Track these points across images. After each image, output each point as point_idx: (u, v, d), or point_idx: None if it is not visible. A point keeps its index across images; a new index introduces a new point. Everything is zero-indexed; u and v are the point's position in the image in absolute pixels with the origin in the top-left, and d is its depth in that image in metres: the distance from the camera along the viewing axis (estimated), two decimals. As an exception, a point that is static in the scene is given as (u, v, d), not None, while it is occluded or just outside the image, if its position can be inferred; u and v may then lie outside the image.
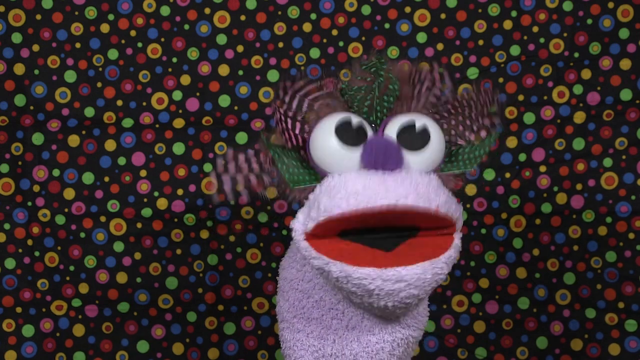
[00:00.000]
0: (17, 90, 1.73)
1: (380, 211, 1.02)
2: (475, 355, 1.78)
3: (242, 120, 1.75)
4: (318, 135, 1.08)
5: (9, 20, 1.72)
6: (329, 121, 1.08)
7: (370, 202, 1.02)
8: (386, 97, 1.10)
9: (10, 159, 1.74)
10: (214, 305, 1.78)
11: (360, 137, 1.07)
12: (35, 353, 1.78)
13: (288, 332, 1.17)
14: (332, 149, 1.06)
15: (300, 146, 1.11)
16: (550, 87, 1.74)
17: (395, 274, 1.03)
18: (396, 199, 1.02)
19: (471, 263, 1.77)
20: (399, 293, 1.04)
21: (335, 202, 1.03)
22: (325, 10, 1.74)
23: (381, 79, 1.10)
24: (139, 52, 1.74)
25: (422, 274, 1.04)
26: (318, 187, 1.08)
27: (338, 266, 1.04)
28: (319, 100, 1.11)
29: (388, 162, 1.05)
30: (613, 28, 1.73)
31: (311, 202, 1.07)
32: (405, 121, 1.08)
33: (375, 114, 1.11)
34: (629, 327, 1.77)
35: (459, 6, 1.73)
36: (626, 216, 1.75)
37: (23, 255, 1.76)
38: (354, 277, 1.04)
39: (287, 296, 1.17)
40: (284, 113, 1.10)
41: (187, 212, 1.75)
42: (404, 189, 1.02)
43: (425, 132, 1.08)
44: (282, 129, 1.11)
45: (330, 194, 1.04)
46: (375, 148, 1.05)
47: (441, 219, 1.06)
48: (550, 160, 1.75)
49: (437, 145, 1.09)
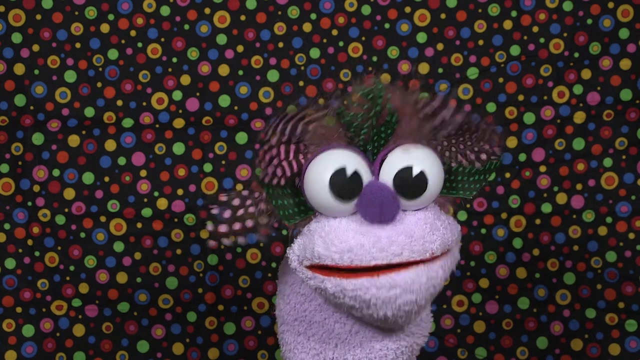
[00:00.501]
0: (17, 90, 1.73)
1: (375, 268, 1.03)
2: (475, 355, 1.78)
3: (242, 120, 1.75)
4: (311, 182, 1.06)
5: (9, 20, 1.72)
6: (322, 169, 1.06)
7: (364, 262, 1.03)
8: (383, 128, 1.08)
9: (10, 159, 1.74)
10: (214, 305, 1.78)
11: (356, 187, 1.05)
12: (35, 353, 1.78)
13: (289, 335, 1.16)
14: (326, 201, 1.06)
15: (295, 174, 1.09)
16: (550, 87, 1.74)
17: (388, 280, 1.02)
18: (390, 259, 1.03)
19: (471, 263, 1.77)
20: (396, 300, 1.03)
21: (330, 254, 1.04)
22: (325, 10, 1.74)
23: (378, 108, 1.07)
24: (139, 52, 1.74)
25: (417, 277, 1.03)
26: (314, 222, 1.08)
27: (332, 281, 1.04)
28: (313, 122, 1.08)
29: (383, 218, 1.04)
30: (613, 28, 1.73)
31: (306, 238, 1.08)
32: (402, 166, 1.06)
33: (372, 143, 1.09)
34: (629, 327, 1.77)
35: (459, 6, 1.73)
36: (626, 216, 1.76)
37: (23, 255, 1.76)
38: (349, 289, 1.03)
39: (288, 299, 1.16)
40: (276, 143, 1.08)
41: (187, 212, 1.75)
42: (397, 247, 1.03)
43: (423, 179, 1.06)
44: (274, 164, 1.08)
45: (325, 242, 1.05)
46: (370, 202, 1.04)
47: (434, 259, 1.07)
48: (550, 160, 1.75)
49: (434, 187, 1.08)
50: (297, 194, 1.10)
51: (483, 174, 1.13)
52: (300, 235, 1.10)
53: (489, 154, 1.13)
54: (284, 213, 1.09)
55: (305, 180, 1.08)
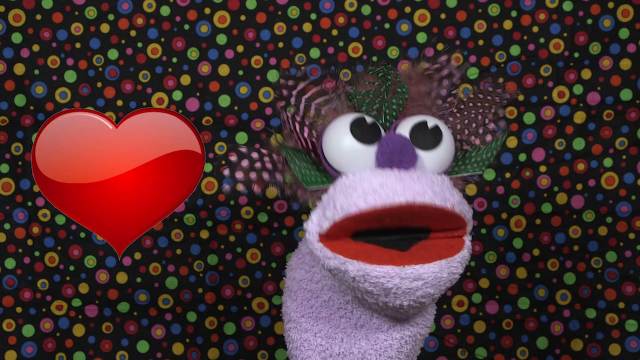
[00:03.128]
0: (17, 90, 1.73)
1: (399, 209, 1.01)
2: (475, 355, 1.78)
3: (242, 120, 1.75)
4: (332, 134, 1.07)
5: (9, 20, 1.72)
6: (342, 120, 1.07)
7: (388, 200, 1.01)
8: (395, 100, 1.10)
9: (10, 159, 1.74)
10: (214, 305, 1.78)
11: (375, 135, 1.07)
12: (35, 353, 1.78)
13: (295, 332, 1.16)
14: (347, 146, 1.06)
15: (310, 149, 1.10)
16: (550, 87, 1.74)
17: (413, 272, 1.02)
18: (414, 196, 1.01)
19: (471, 263, 1.77)
20: (416, 292, 1.03)
21: (353, 200, 1.02)
22: (325, 10, 1.74)
23: (389, 83, 1.10)
24: (139, 52, 1.74)
25: (439, 272, 1.04)
26: (332, 188, 1.06)
27: (355, 265, 1.03)
28: (325, 104, 1.11)
29: (404, 159, 1.05)
30: (613, 28, 1.73)
31: (325, 203, 1.06)
32: (418, 121, 1.08)
33: (384, 117, 1.11)
34: (629, 327, 1.77)
35: (459, 6, 1.73)
36: (626, 216, 1.75)
37: (23, 255, 1.76)
38: (372, 275, 1.02)
39: (295, 296, 1.16)
40: (292, 117, 1.09)
41: (187, 212, 1.75)
42: (420, 187, 1.02)
43: (438, 131, 1.08)
44: (291, 130, 1.10)
45: (346, 192, 1.03)
46: (390, 146, 1.05)
47: (455, 219, 1.06)
48: (550, 160, 1.75)
49: (448, 144, 1.09)
50: (315, 163, 1.10)
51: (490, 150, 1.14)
52: (318, 204, 1.08)
53: (493, 132, 1.14)
54: (303, 176, 1.08)
55: (323, 140, 1.08)
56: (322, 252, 1.06)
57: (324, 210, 1.05)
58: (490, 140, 1.15)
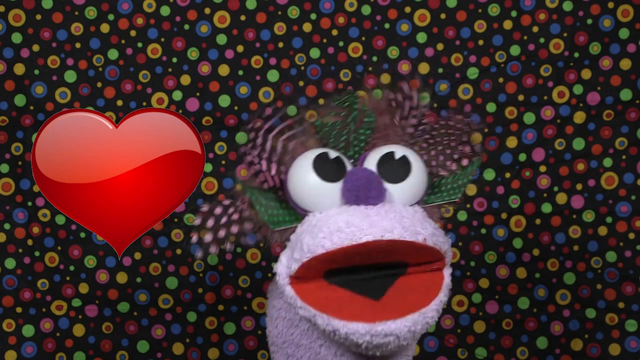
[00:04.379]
0: (17, 90, 1.73)
1: (366, 247, 0.99)
2: (475, 355, 1.78)
3: (242, 120, 1.75)
4: (295, 173, 1.06)
5: (9, 20, 1.72)
6: (305, 157, 1.05)
7: (354, 239, 0.99)
8: (362, 131, 1.08)
9: (10, 159, 1.74)
10: (214, 305, 1.78)
11: (340, 171, 1.05)
12: (35, 353, 1.78)
13: (279, 356, 1.15)
14: (311, 185, 1.04)
15: (277, 187, 1.08)
16: (550, 87, 1.74)
17: (384, 328, 1.00)
18: (381, 233, 0.99)
19: (471, 263, 1.77)
20: (388, 345, 1.01)
21: (319, 241, 1.00)
22: (325, 10, 1.74)
23: (355, 113, 1.07)
24: (139, 52, 1.74)
25: (412, 326, 1.01)
26: (299, 227, 1.05)
27: (325, 319, 1.02)
28: (292, 139, 1.08)
29: (370, 195, 1.02)
30: (613, 28, 1.73)
31: (293, 243, 1.05)
32: (385, 152, 1.06)
33: (352, 148, 1.09)
34: (629, 327, 1.77)
35: (459, 6, 1.73)
36: (626, 216, 1.75)
37: (23, 255, 1.76)
38: (342, 332, 1.01)
39: (276, 323, 1.15)
40: (258, 155, 1.08)
41: (187, 212, 1.75)
42: (388, 223, 0.99)
43: (406, 161, 1.06)
44: (257, 171, 1.08)
45: (312, 232, 1.01)
46: (355, 182, 1.02)
47: (429, 252, 1.03)
48: (550, 160, 1.75)
49: (418, 174, 1.06)
50: (280, 202, 1.09)
51: (465, 177, 1.12)
52: (287, 246, 1.07)
53: (469, 157, 1.13)
54: (269, 217, 1.06)
55: (288, 178, 1.07)
56: (292, 300, 1.05)
57: (292, 252, 1.04)
58: (465, 165, 1.13)
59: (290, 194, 1.07)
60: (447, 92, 1.74)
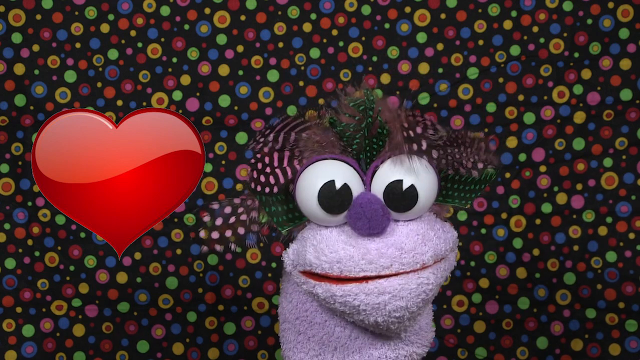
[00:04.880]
0: (17, 90, 1.73)
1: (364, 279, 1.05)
2: (475, 355, 1.78)
3: (242, 120, 1.75)
4: (302, 196, 1.08)
5: (9, 20, 1.72)
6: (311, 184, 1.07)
7: (352, 273, 1.05)
8: (375, 140, 1.09)
9: (10, 159, 1.75)
10: (214, 305, 1.78)
11: (345, 201, 1.07)
12: (35, 353, 1.78)
13: (290, 333, 1.16)
14: (316, 214, 1.08)
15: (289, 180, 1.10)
16: (550, 87, 1.74)
17: (377, 286, 1.04)
18: (378, 271, 1.05)
19: (471, 263, 1.77)
20: (385, 306, 1.05)
21: (321, 262, 1.07)
22: (325, 10, 1.74)
23: (370, 120, 1.08)
24: (139, 52, 1.74)
25: (405, 283, 1.05)
26: (307, 229, 1.11)
27: (323, 287, 1.07)
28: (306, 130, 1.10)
29: (373, 232, 1.06)
30: (613, 28, 1.73)
31: (300, 246, 1.11)
32: (393, 179, 1.07)
33: (365, 153, 1.10)
34: (629, 327, 1.77)
35: (459, 6, 1.73)
36: (626, 216, 1.75)
37: (23, 255, 1.76)
38: (338, 295, 1.06)
39: (291, 298, 1.16)
40: (269, 152, 1.09)
41: (187, 212, 1.75)
42: (386, 260, 1.05)
43: (413, 193, 1.07)
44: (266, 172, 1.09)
45: (316, 251, 1.07)
46: (360, 213, 1.06)
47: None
48: (550, 160, 1.75)
49: (424, 202, 1.08)
50: (290, 201, 1.11)
51: (478, 184, 1.13)
52: (295, 241, 1.12)
53: (485, 163, 1.13)
54: (277, 220, 1.11)
55: (297, 189, 1.09)
56: (298, 279, 1.11)
57: (298, 254, 1.10)
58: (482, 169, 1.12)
59: (298, 203, 1.10)
60: (447, 92, 1.74)
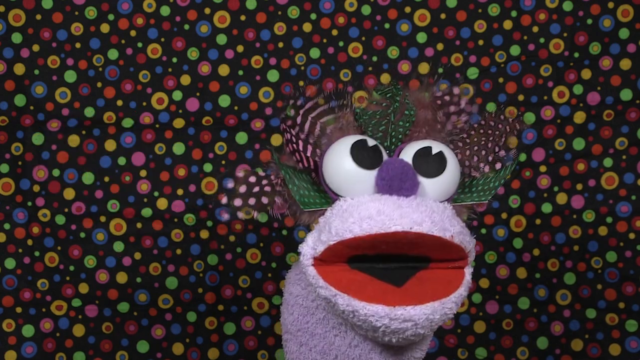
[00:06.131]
0: (17, 90, 1.74)
1: (394, 237, 1.00)
2: (475, 355, 1.78)
3: (242, 120, 1.75)
4: (332, 156, 1.06)
5: (9, 20, 1.72)
6: (344, 142, 1.06)
7: (383, 227, 1.00)
8: (402, 123, 1.08)
9: (10, 159, 1.75)
10: (214, 305, 1.78)
11: (376, 160, 1.05)
12: (35, 353, 1.78)
13: (292, 344, 1.16)
14: (347, 170, 1.05)
15: (311, 169, 1.09)
16: (550, 87, 1.74)
17: (404, 313, 1.01)
18: (410, 225, 1.00)
19: (471, 263, 1.77)
20: (405, 332, 1.03)
21: (348, 225, 1.01)
22: (325, 10, 1.74)
23: (397, 105, 1.08)
24: (139, 52, 1.74)
25: (431, 314, 1.02)
26: (329, 211, 1.06)
27: (345, 299, 1.03)
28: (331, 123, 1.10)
29: (403, 186, 1.03)
30: (613, 28, 1.73)
31: (322, 226, 1.05)
32: (422, 146, 1.07)
33: (390, 139, 1.10)
34: (629, 327, 1.77)
35: (459, 6, 1.73)
36: (626, 216, 1.75)
37: (23, 255, 1.76)
38: (361, 313, 1.02)
39: (292, 310, 1.16)
40: (296, 135, 1.08)
41: (187, 212, 1.75)
42: (418, 216, 1.01)
43: (442, 158, 1.06)
44: (293, 149, 1.09)
45: (342, 217, 1.02)
46: (391, 171, 1.03)
47: (455, 250, 1.05)
48: (550, 160, 1.75)
49: (452, 172, 1.07)
50: (313, 185, 1.09)
51: (497, 180, 1.13)
52: (315, 227, 1.08)
53: (503, 161, 1.13)
54: (300, 197, 1.07)
55: (324, 162, 1.07)
56: (314, 280, 1.06)
57: (320, 234, 1.05)
58: (499, 168, 1.13)
59: (325, 176, 1.07)
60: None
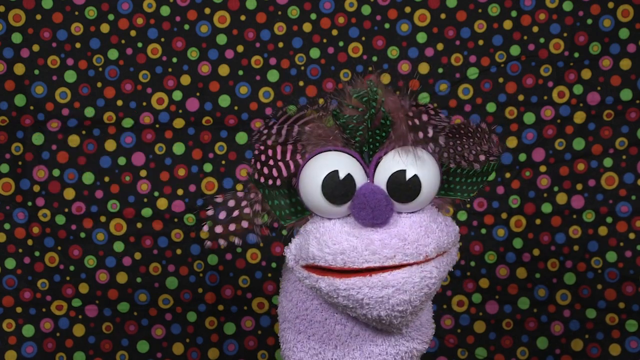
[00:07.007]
0: (17, 90, 1.73)
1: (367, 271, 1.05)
2: (475, 355, 1.78)
3: (242, 120, 1.75)
4: (306, 187, 1.08)
5: (9, 20, 1.72)
6: (315, 174, 1.07)
7: (356, 264, 1.05)
8: (378, 131, 1.09)
9: (10, 159, 1.74)
10: (214, 305, 1.78)
11: (348, 192, 1.07)
12: (35, 353, 1.78)
13: (289, 333, 1.16)
14: (319, 204, 1.08)
15: (292, 174, 1.10)
16: (550, 87, 1.74)
17: (380, 279, 1.04)
18: (382, 261, 1.05)
19: (471, 263, 1.77)
20: (389, 300, 1.05)
21: (324, 255, 1.06)
22: (325, 10, 1.74)
23: (373, 111, 1.08)
24: (139, 52, 1.74)
25: (409, 277, 1.05)
26: (310, 223, 1.10)
27: (326, 281, 1.07)
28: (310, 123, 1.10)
29: (376, 222, 1.06)
30: (613, 28, 1.73)
31: (302, 240, 1.10)
32: (396, 170, 1.07)
33: (368, 145, 1.10)
34: (629, 327, 1.77)
35: (459, 6, 1.73)
36: (626, 216, 1.75)
37: (23, 255, 1.76)
38: (341, 288, 1.06)
39: (291, 297, 1.16)
40: (272, 145, 1.09)
41: (187, 212, 1.75)
42: (390, 250, 1.05)
43: (416, 182, 1.07)
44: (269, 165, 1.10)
45: (319, 243, 1.07)
46: (364, 203, 1.06)
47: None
48: (550, 160, 1.75)
49: (428, 193, 1.09)
50: (293, 195, 1.11)
51: (481, 176, 1.13)
52: (297, 236, 1.12)
53: (487, 155, 1.13)
54: (280, 213, 1.10)
55: (300, 181, 1.09)
56: (299, 274, 1.11)
57: (300, 248, 1.10)
58: (483, 162, 1.13)
59: (301, 197, 1.10)
60: (447, 92, 1.74)
